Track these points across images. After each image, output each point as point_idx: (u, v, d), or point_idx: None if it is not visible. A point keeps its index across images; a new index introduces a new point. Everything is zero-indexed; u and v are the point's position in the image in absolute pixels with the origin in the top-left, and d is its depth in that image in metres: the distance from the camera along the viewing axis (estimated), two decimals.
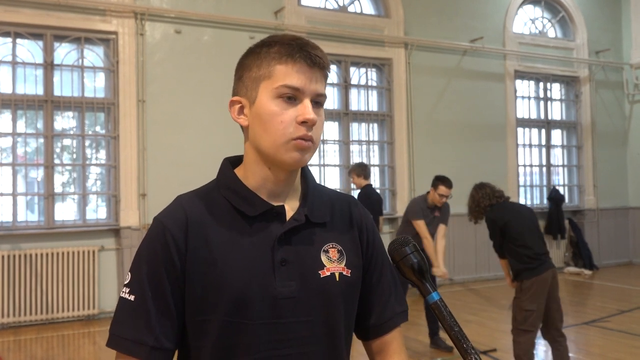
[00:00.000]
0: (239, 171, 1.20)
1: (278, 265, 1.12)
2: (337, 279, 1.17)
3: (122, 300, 1.13)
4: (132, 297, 1.11)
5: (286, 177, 1.17)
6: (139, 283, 1.11)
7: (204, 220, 1.14)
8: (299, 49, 1.12)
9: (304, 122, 1.10)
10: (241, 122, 1.18)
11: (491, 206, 4.38)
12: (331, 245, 1.19)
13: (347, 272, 1.18)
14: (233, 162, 1.24)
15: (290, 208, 1.18)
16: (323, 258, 1.17)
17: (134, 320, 1.10)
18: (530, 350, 4.14)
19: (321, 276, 1.15)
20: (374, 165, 8.86)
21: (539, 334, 4.20)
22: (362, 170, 6.41)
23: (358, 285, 1.22)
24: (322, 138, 8.44)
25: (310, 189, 1.23)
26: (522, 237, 4.13)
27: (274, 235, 1.14)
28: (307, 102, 1.11)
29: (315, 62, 1.13)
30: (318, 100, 1.14)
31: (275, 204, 1.17)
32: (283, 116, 1.11)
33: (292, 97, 1.11)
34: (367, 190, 6.28)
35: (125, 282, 1.14)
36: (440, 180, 5.60)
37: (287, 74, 1.11)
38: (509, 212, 4.25)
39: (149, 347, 1.09)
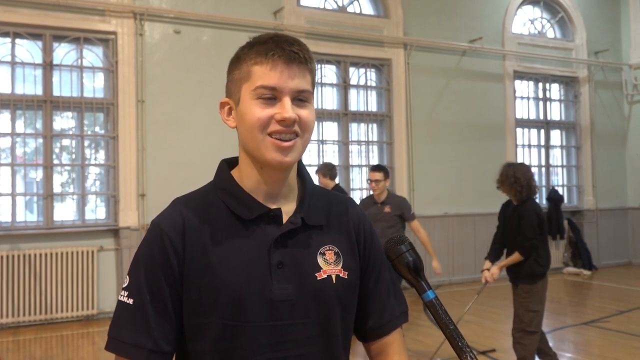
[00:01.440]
0: (235, 173, 1.20)
1: (275, 268, 1.12)
2: (334, 281, 1.17)
3: (120, 303, 1.13)
4: (130, 301, 1.11)
5: (280, 178, 1.17)
6: (137, 286, 1.12)
7: (201, 224, 1.14)
8: (274, 47, 1.11)
9: (281, 121, 1.10)
10: (229, 124, 1.19)
11: (528, 197, 4.18)
12: (328, 248, 1.19)
13: (343, 274, 1.18)
14: (230, 163, 1.24)
15: (287, 211, 1.18)
16: (319, 260, 1.17)
17: (132, 323, 1.10)
18: (534, 351, 4.15)
19: (318, 278, 1.15)
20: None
21: None
22: (328, 170, 6.32)
23: (355, 287, 1.22)
24: (321, 138, 8.44)
25: (307, 191, 1.22)
26: (545, 240, 4.16)
27: (270, 238, 1.14)
28: (286, 101, 1.10)
29: (292, 58, 1.11)
30: (301, 98, 1.13)
31: (272, 206, 1.16)
32: (261, 114, 1.10)
33: (271, 97, 1.11)
34: None
35: (124, 286, 1.14)
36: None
37: (263, 74, 1.11)
38: (542, 210, 4.25)
39: (147, 350, 1.09)
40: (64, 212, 7.08)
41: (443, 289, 8.59)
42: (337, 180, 6.52)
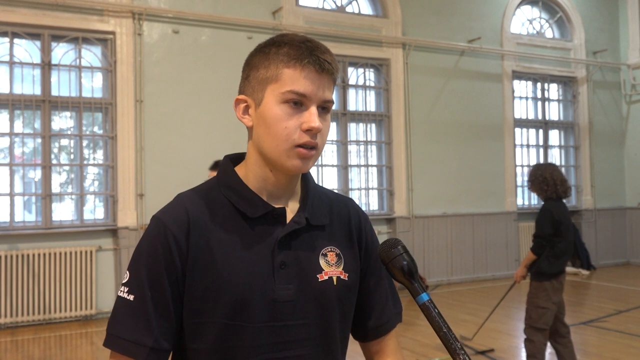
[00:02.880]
0: (239, 170, 1.19)
1: (278, 268, 1.12)
2: (335, 283, 1.17)
3: (120, 299, 1.11)
4: (131, 297, 1.10)
5: (287, 181, 1.17)
6: (138, 283, 1.10)
7: (205, 221, 1.13)
8: (309, 53, 1.10)
9: (308, 130, 1.09)
10: (245, 122, 1.16)
11: (557, 197, 4.23)
12: (330, 249, 1.19)
13: (344, 276, 1.19)
14: (233, 159, 1.23)
15: (291, 209, 1.18)
16: (321, 262, 1.17)
17: (133, 320, 1.09)
18: (544, 349, 4.17)
19: (319, 280, 1.15)
20: (371, 166, 8.87)
21: None
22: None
23: (355, 288, 1.23)
24: None
25: (310, 191, 1.22)
26: (564, 241, 4.18)
27: (274, 237, 1.13)
28: (313, 109, 1.10)
29: (324, 68, 1.11)
30: (325, 107, 1.13)
31: (276, 205, 1.16)
32: (288, 122, 1.09)
33: (298, 102, 1.09)
34: None
35: (124, 281, 1.12)
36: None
37: (295, 79, 1.09)
38: (564, 211, 4.24)
39: (148, 348, 1.08)
40: (63, 212, 7.07)
41: (442, 288, 8.60)
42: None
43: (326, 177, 8.52)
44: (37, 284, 6.59)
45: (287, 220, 1.16)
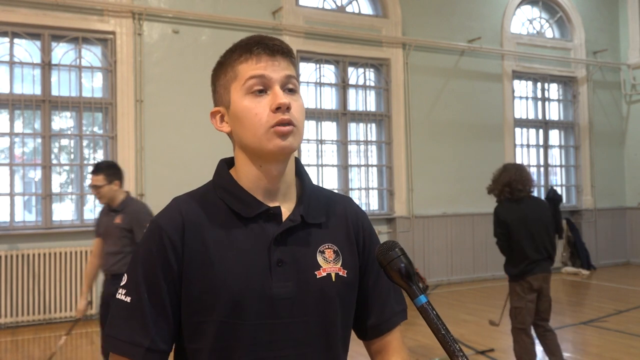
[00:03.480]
0: (233, 173, 1.20)
1: (274, 266, 1.13)
2: (333, 280, 1.17)
3: (118, 301, 1.12)
4: (128, 299, 1.11)
5: (278, 172, 1.17)
6: (135, 285, 1.11)
7: (200, 222, 1.14)
8: (256, 43, 1.15)
9: (277, 109, 1.11)
10: (224, 130, 1.19)
11: (507, 199, 4.23)
12: (327, 246, 1.19)
13: (343, 273, 1.19)
14: (229, 163, 1.24)
15: (286, 209, 1.18)
16: (319, 259, 1.17)
17: (129, 321, 1.10)
18: (530, 348, 4.17)
19: (317, 277, 1.16)
20: (371, 166, 8.87)
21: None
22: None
23: (355, 285, 1.22)
24: (320, 138, 8.44)
25: (307, 190, 1.23)
26: (518, 243, 4.16)
27: (270, 236, 1.14)
28: (276, 89, 1.12)
29: (275, 50, 1.15)
30: (291, 87, 1.15)
31: (271, 204, 1.17)
32: (257, 109, 1.12)
33: (261, 89, 1.13)
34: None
35: (122, 284, 1.14)
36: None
37: (250, 68, 1.13)
38: (515, 213, 4.18)
39: (144, 348, 1.09)
40: (63, 212, 7.07)
41: (442, 288, 8.60)
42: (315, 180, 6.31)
43: (326, 177, 8.52)
44: (37, 284, 6.59)
45: (283, 219, 1.16)
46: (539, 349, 4.53)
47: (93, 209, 7.22)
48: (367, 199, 8.87)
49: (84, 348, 5.79)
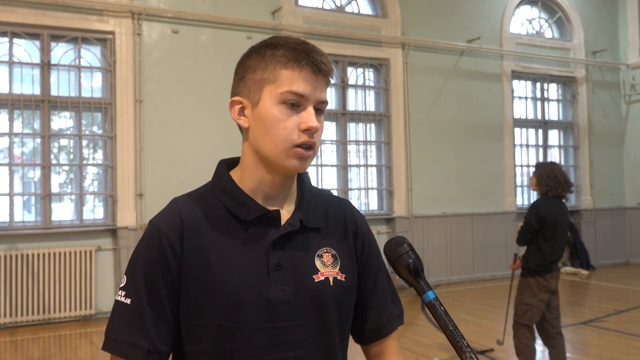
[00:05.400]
0: (234, 173, 1.20)
1: (273, 269, 1.12)
2: (332, 284, 1.17)
3: (118, 303, 1.13)
4: (128, 301, 1.11)
5: (283, 182, 1.17)
6: (135, 286, 1.11)
7: (199, 224, 1.14)
8: (306, 55, 1.12)
9: (307, 130, 1.10)
10: (241, 123, 1.17)
11: (546, 194, 4.26)
12: (325, 250, 1.19)
13: (341, 277, 1.19)
14: (228, 164, 1.23)
15: (286, 212, 1.18)
16: (317, 263, 1.17)
17: (129, 323, 1.10)
18: (530, 344, 4.19)
19: (315, 281, 1.15)
20: (371, 166, 8.87)
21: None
22: None
23: (353, 289, 1.22)
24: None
25: (306, 193, 1.22)
26: (549, 240, 4.18)
27: (268, 239, 1.14)
28: (310, 110, 1.11)
29: (321, 70, 1.13)
30: (320, 108, 1.14)
31: (271, 207, 1.16)
32: (286, 122, 1.10)
33: (295, 103, 1.11)
34: None
35: (121, 286, 1.14)
36: None
37: (293, 80, 1.11)
38: (553, 211, 4.22)
39: (144, 350, 1.09)
40: (62, 212, 7.07)
41: (441, 288, 8.60)
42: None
43: (326, 177, 8.52)
44: (37, 284, 6.59)
45: (282, 223, 1.16)
46: (539, 348, 4.54)
47: (92, 209, 7.22)
48: (366, 199, 8.87)
49: (84, 348, 5.78)
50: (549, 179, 4.22)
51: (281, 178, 1.16)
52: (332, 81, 1.19)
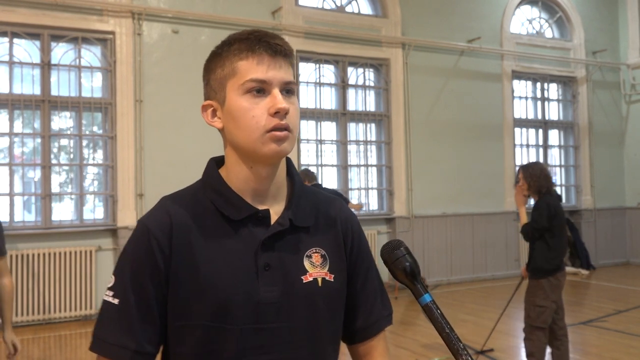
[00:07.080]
0: (222, 172, 1.19)
1: (262, 270, 1.11)
2: (320, 284, 1.16)
3: (105, 303, 1.12)
4: (115, 301, 1.11)
5: (268, 174, 1.15)
6: (122, 287, 1.11)
7: (188, 224, 1.13)
8: (258, 41, 1.12)
9: (276, 113, 1.09)
10: (216, 125, 1.17)
11: (548, 191, 4.26)
12: (314, 250, 1.18)
13: (330, 277, 1.18)
14: (219, 162, 1.23)
15: (275, 211, 1.17)
16: (306, 263, 1.16)
17: (117, 324, 1.10)
18: (543, 347, 4.17)
19: (304, 281, 1.14)
20: (371, 166, 8.87)
21: None
22: (305, 176, 6.33)
23: (343, 289, 1.21)
24: (320, 138, 8.44)
25: (296, 192, 1.21)
26: (557, 237, 4.17)
27: (258, 239, 1.13)
28: (276, 92, 1.10)
29: (277, 51, 1.12)
30: (288, 89, 1.13)
31: (260, 207, 1.15)
32: (254, 110, 1.10)
33: (260, 89, 1.10)
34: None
35: (109, 286, 1.14)
36: None
37: (251, 68, 1.10)
38: (559, 206, 4.24)
39: (131, 351, 1.09)
40: (62, 212, 7.07)
41: (441, 288, 8.60)
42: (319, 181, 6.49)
43: (326, 177, 8.52)
44: (37, 284, 6.59)
45: (272, 222, 1.15)
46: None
47: (92, 209, 7.23)
48: (366, 199, 8.87)
49: (84, 348, 5.78)
50: (541, 177, 4.23)
51: (266, 170, 1.15)
52: (295, 62, 1.18)
